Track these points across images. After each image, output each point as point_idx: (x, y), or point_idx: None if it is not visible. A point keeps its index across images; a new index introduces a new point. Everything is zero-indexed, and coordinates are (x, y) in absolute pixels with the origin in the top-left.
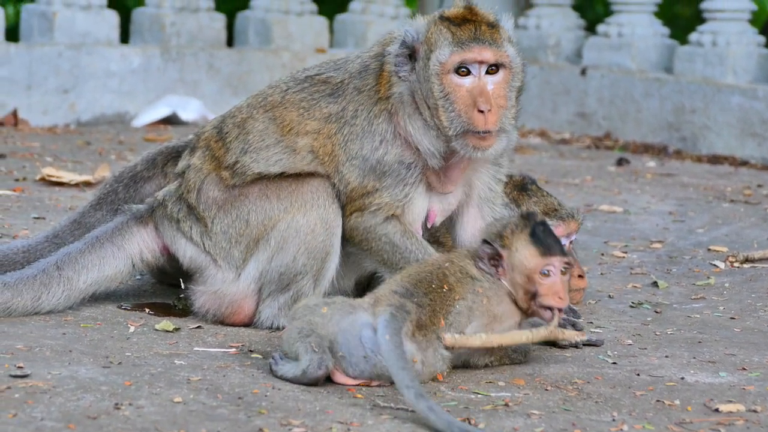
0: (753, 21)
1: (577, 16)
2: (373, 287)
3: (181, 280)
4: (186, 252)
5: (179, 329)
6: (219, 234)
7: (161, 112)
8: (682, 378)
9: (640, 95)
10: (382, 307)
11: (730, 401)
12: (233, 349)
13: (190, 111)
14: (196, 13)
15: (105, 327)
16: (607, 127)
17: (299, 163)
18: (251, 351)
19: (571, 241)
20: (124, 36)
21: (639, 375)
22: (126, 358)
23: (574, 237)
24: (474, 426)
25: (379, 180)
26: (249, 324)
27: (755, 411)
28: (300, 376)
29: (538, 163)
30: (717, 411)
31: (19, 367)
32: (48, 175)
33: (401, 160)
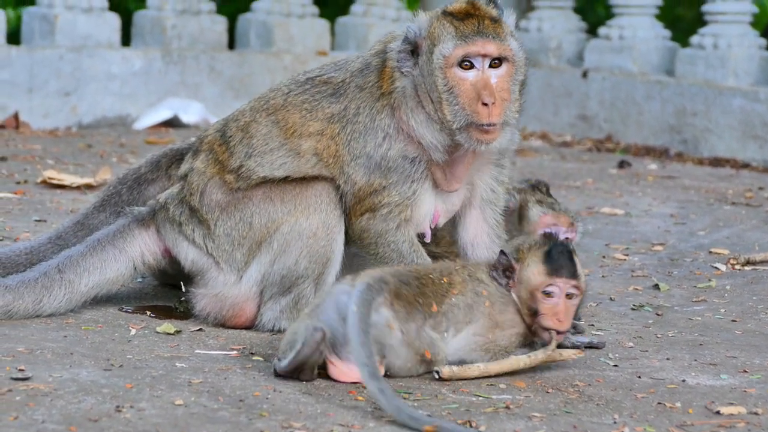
0: (754, 23)
1: (579, 18)
2: None
3: (182, 283)
4: (188, 254)
5: (180, 332)
6: (222, 236)
7: (162, 114)
8: (683, 380)
9: (641, 98)
10: (360, 279)
11: (731, 404)
12: (234, 352)
13: (191, 114)
14: (197, 16)
15: (106, 329)
16: (609, 130)
17: (303, 167)
18: (252, 354)
19: (566, 239)
20: (125, 39)
21: (640, 377)
22: (127, 360)
23: (571, 236)
24: (459, 423)
25: (385, 177)
26: (250, 327)
27: (756, 413)
28: (299, 350)
29: (539, 166)
30: (718, 413)
31: (21, 370)
32: (49, 178)
33: (405, 154)
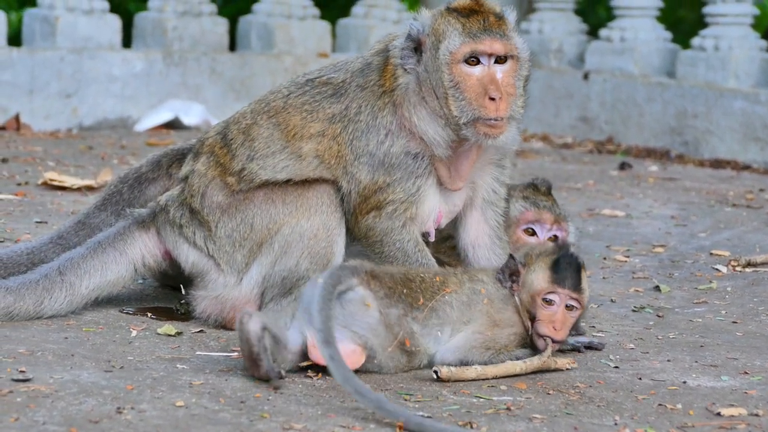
0: (755, 25)
1: (580, 20)
2: None
3: (182, 285)
4: (188, 257)
5: (181, 333)
6: (223, 238)
7: (164, 116)
8: (684, 382)
9: (642, 99)
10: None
11: (732, 405)
12: (235, 353)
13: (192, 115)
14: (198, 18)
15: (107, 331)
16: (610, 132)
17: (305, 169)
18: None
19: (554, 237)
20: (126, 40)
21: (641, 379)
22: (128, 362)
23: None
24: (383, 398)
25: (389, 174)
26: None
27: (757, 415)
28: (241, 345)
29: (540, 168)
30: (719, 415)
31: (21, 371)
32: (50, 180)
33: (408, 150)
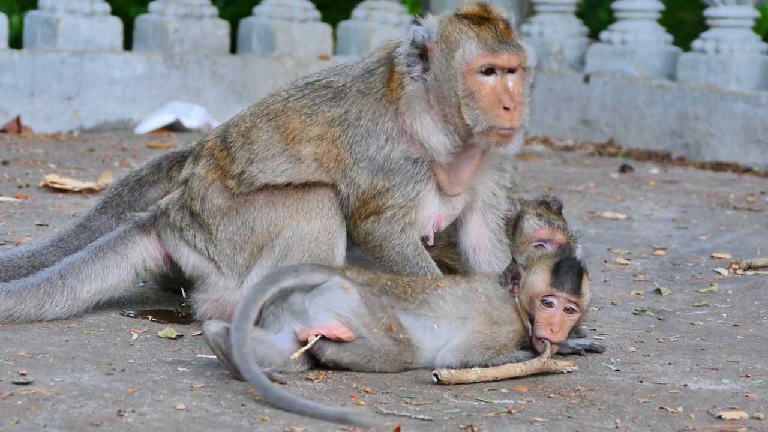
0: (756, 28)
1: (581, 23)
2: None
3: (183, 288)
4: (189, 260)
5: (182, 336)
6: (224, 241)
7: (165, 119)
8: (685, 385)
9: (643, 102)
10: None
11: (733, 408)
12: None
13: (193, 118)
14: (199, 20)
15: (108, 334)
16: (611, 134)
17: (304, 173)
18: None
19: None
20: (127, 43)
21: (642, 382)
22: (129, 365)
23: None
24: (278, 385)
25: (389, 179)
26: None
27: (758, 418)
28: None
29: (541, 170)
30: (720, 418)
31: (22, 374)
32: (51, 182)
33: (408, 156)
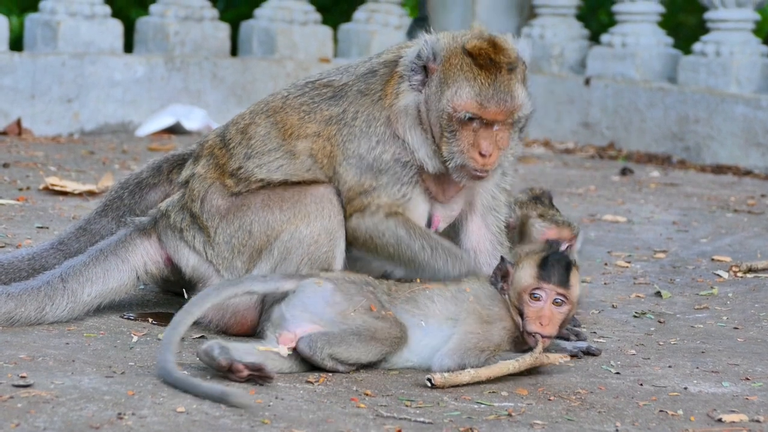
0: (756, 31)
1: (581, 26)
2: None
3: (185, 290)
4: (189, 261)
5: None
6: (222, 244)
7: (165, 121)
8: (685, 388)
9: (643, 105)
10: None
11: (733, 411)
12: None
13: (194, 120)
14: (200, 23)
15: (108, 336)
16: (611, 137)
17: (299, 169)
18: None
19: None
20: (128, 45)
21: (642, 385)
22: (129, 367)
23: (573, 245)
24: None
25: (376, 178)
26: (253, 334)
27: (758, 421)
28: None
29: (541, 173)
30: (720, 421)
31: (22, 377)
32: (51, 185)
33: (398, 158)
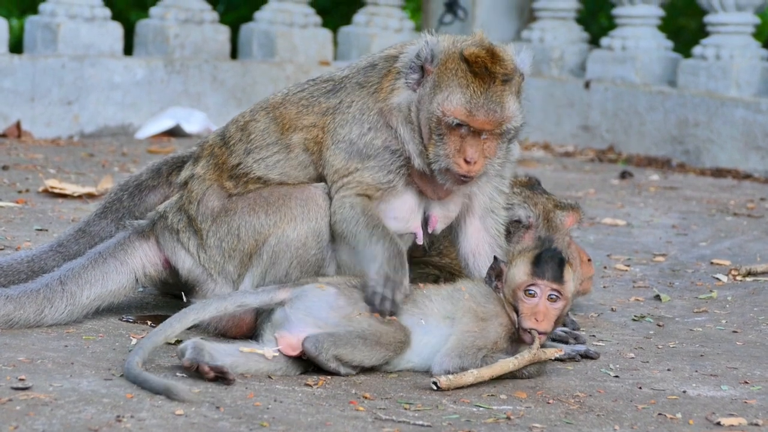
0: (756, 34)
1: (581, 29)
2: None
3: (183, 293)
4: (184, 264)
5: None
6: (213, 248)
7: (165, 124)
8: (684, 391)
9: (643, 108)
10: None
11: (731, 415)
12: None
13: (193, 123)
14: (200, 25)
15: (107, 339)
16: (611, 140)
17: (293, 162)
18: None
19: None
20: (127, 48)
21: (641, 388)
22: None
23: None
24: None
25: (363, 162)
26: (251, 336)
27: (757, 425)
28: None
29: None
30: (719, 425)
31: (21, 380)
32: (51, 187)
33: (388, 145)
